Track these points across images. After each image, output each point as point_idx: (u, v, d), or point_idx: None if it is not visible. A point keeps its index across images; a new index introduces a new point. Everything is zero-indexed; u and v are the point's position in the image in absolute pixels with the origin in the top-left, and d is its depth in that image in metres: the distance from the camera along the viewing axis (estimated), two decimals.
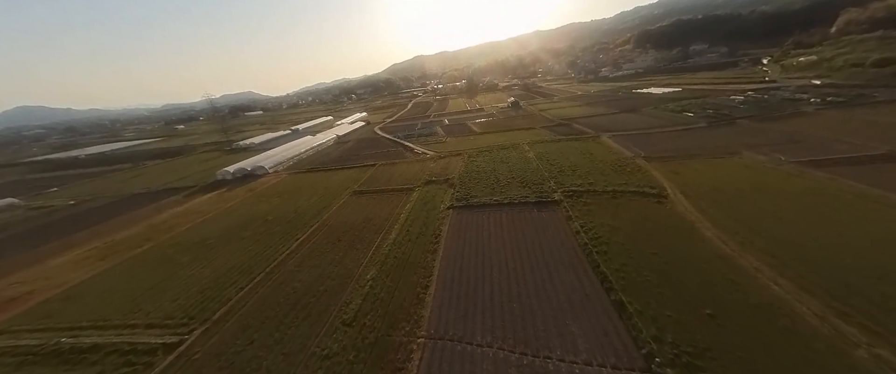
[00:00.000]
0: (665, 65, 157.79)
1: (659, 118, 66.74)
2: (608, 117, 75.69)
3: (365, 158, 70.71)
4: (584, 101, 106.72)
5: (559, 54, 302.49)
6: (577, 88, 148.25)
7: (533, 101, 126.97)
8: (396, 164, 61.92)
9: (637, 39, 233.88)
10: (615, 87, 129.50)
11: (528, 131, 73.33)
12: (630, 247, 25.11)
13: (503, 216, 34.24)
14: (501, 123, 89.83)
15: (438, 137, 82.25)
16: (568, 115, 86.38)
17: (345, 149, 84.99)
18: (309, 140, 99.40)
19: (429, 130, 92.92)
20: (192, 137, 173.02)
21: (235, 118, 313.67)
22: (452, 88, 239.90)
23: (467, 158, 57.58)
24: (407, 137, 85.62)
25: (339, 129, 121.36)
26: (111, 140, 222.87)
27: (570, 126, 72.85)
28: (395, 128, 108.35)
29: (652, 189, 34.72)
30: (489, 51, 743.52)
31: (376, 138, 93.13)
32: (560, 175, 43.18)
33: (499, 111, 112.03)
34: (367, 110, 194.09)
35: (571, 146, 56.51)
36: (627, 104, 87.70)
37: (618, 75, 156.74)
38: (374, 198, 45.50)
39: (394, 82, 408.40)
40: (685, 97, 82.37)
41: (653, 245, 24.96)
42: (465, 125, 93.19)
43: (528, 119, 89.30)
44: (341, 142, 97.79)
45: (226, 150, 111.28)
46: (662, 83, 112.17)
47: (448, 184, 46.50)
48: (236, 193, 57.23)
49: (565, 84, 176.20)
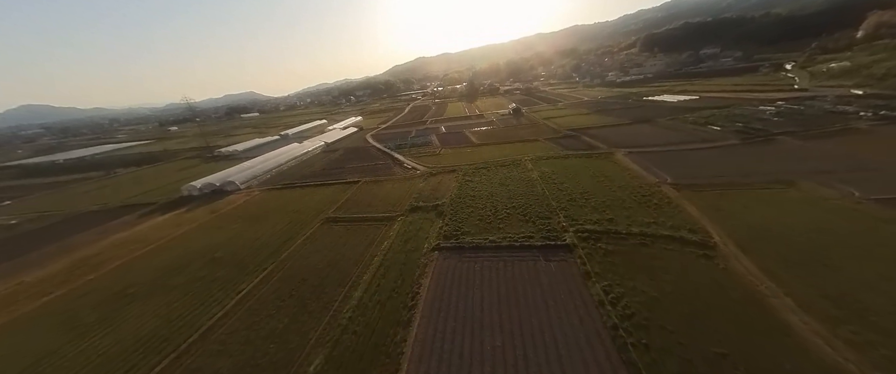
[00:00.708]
0: (676, 70, 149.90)
1: (679, 132, 59.13)
2: (620, 129, 68.10)
3: (349, 172, 63.33)
4: (591, 108, 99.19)
5: (562, 57, 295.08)
6: (583, 94, 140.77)
7: (535, 107, 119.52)
8: (382, 181, 54.50)
9: (643, 43, 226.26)
10: (623, 93, 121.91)
11: (532, 144, 65.85)
12: (682, 337, 17.54)
13: (501, 268, 26.71)
14: (502, 132, 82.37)
15: (433, 147, 74.85)
16: (574, 124, 78.84)
17: (330, 160, 77.64)
18: (294, 148, 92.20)
19: (423, 139, 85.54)
20: (181, 140, 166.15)
21: (231, 120, 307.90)
22: (452, 91, 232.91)
23: (462, 177, 50.12)
24: (398, 148, 78.30)
25: (329, 135, 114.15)
26: (100, 142, 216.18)
27: (577, 139, 65.33)
28: (388, 135, 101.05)
29: (692, 233, 27.15)
30: (491, 53, 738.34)
31: (366, 148, 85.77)
32: (571, 205, 35.65)
33: (499, 118, 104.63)
34: (364, 114, 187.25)
35: (581, 165, 48.94)
36: (640, 114, 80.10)
37: (626, 80, 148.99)
38: (348, 229, 38.04)
39: (393, 84, 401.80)
40: (705, 107, 74.74)
41: (715, 337, 17.38)
42: (462, 134, 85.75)
43: (530, 129, 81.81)
44: (329, 150, 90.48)
45: (207, 157, 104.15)
46: (676, 90, 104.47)
47: (436, 212, 39.04)
48: (196, 214, 49.83)
49: (569, 89, 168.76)
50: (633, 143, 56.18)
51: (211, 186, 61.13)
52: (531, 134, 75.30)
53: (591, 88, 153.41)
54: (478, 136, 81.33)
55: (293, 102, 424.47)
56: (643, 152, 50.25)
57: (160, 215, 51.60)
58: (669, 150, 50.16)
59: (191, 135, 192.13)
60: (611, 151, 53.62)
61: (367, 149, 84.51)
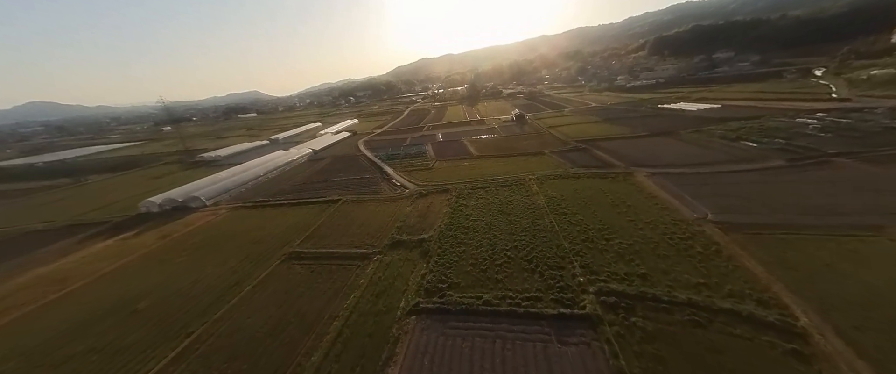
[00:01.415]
0: (689, 74, 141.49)
1: (709, 148, 51.43)
2: (637, 143, 60.48)
3: (331, 187, 56.12)
4: (601, 115, 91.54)
5: (567, 60, 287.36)
6: (590, 98, 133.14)
7: (540, 113, 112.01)
8: (365, 202, 47.23)
9: (653, 46, 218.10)
10: (635, 99, 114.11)
11: (536, 158, 58.40)
12: None
13: (497, 351, 19.40)
14: (503, 142, 74.93)
15: (427, 159, 67.58)
16: (584, 134, 71.33)
17: (315, 170, 70.46)
18: (279, 157, 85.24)
19: (418, 148, 78.27)
20: (170, 142, 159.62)
21: (228, 120, 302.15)
22: (453, 93, 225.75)
23: (455, 200, 42.78)
24: (389, 159, 71.11)
25: (319, 140, 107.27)
26: (91, 142, 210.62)
27: (588, 153, 57.79)
28: (382, 143, 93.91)
29: (764, 308, 19.58)
30: (494, 54, 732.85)
31: (355, 157, 78.58)
32: (588, 248, 28.24)
33: (501, 125, 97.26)
34: (361, 117, 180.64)
35: (596, 188, 41.43)
36: (657, 124, 72.44)
37: (636, 85, 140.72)
38: (311, 271, 30.75)
39: (395, 85, 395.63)
40: (731, 117, 66.97)
41: None
42: (460, 144, 78.37)
43: (535, 139, 74.32)
44: (316, 158, 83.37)
45: (188, 162, 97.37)
46: (693, 97, 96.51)
47: (421, 250, 31.75)
48: (144, 239, 42.68)
49: (575, 93, 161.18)
50: (656, 160, 48.58)
51: (172, 201, 54.03)
52: (536, 145, 67.86)
53: (598, 93, 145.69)
54: (477, 146, 73.93)
55: (293, 103, 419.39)
56: (670, 174, 42.66)
57: (104, 239, 44.47)
58: (701, 171, 42.50)
59: (182, 137, 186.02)
60: (629, 170, 46.05)
61: (357, 158, 77.33)
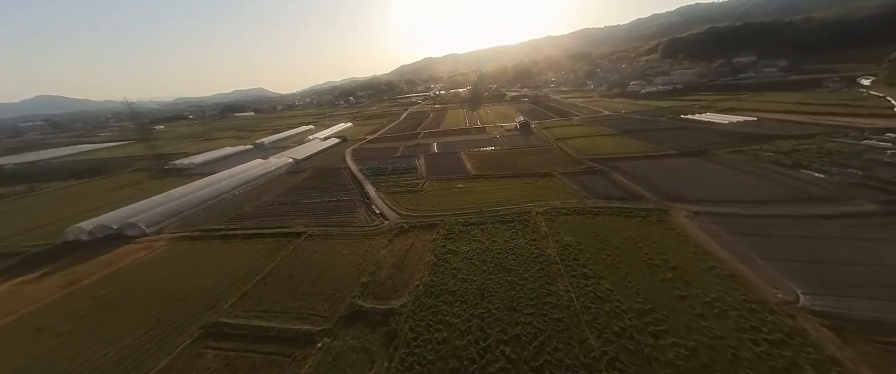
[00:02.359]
0: (710, 80, 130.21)
1: (759, 176, 41.71)
2: (666, 164, 50.81)
3: (300, 212, 47.06)
4: (616, 126, 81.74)
5: (574, 61, 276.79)
6: (601, 105, 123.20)
7: (546, 121, 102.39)
8: (332, 238, 38.09)
9: (665, 48, 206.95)
10: (652, 107, 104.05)
11: (544, 181, 48.94)
12: None
13: None
14: (505, 157, 65.45)
15: (416, 176, 58.37)
16: (598, 150, 61.81)
17: (288, 187, 61.37)
18: (256, 166, 76.44)
19: (408, 162, 68.99)
20: (153, 145, 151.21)
21: (223, 119, 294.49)
22: (454, 95, 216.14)
23: (442, 241, 33.57)
24: (375, 174, 62.00)
25: (305, 147, 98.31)
26: (79, 140, 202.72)
27: (607, 176, 48.25)
28: (371, 153, 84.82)
29: None
30: (498, 55, 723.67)
31: (338, 171, 69.43)
32: (628, 352, 18.84)
33: (503, 135, 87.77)
34: (356, 119, 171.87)
35: (623, 232, 31.94)
36: (684, 139, 62.68)
37: (651, 92, 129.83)
38: (226, 365, 21.61)
39: (396, 85, 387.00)
40: (776, 134, 57.00)
41: None
42: (456, 158, 68.98)
43: (542, 154, 64.78)
44: (295, 170, 74.29)
45: (158, 170, 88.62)
46: (721, 107, 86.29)
47: (386, 332, 22.70)
48: (43, 286, 33.66)
49: (583, 98, 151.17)
50: (695, 192, 38.97)
51: (105, 229, 44.98)
52: (543, 162, 58.41)
53: (609, 99, 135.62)
54: (475, 161, 64.51)
55: (293, 102, 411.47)
56: (719, 215, 33.04)
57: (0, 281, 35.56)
58: (761, 213, 32.84)
59: (168, 138, 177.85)
60: (664, 206, 36.49)
61: (339, 172, 68.18)
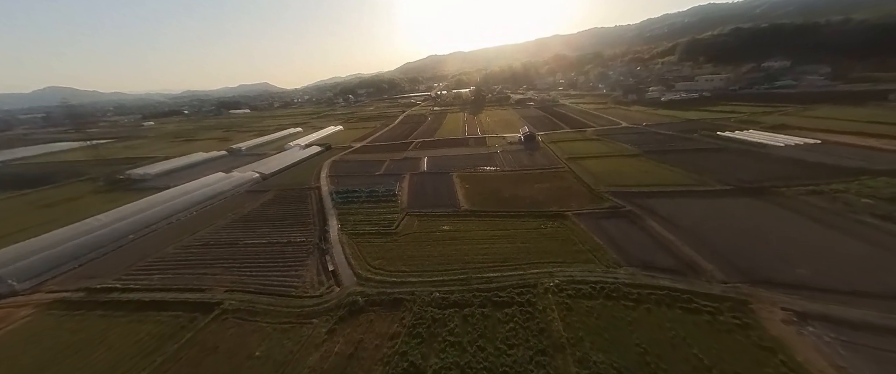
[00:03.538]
0: (741, 88, 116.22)
1: (868, 240, 29.34)
2: (719, 207, 38.47)
3: (233, 261, 35.65)
4: (639, 144, 69.21)
5: (584, 62, 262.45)
6: (616, 113, 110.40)
7: (555, 132, 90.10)
8: (254, 319, 26.67)
9: (685, 50, 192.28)
10: (676, 118, 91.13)
11: (556, 225, 36.90)
12: None
13: None
14: (505, 184, 53.37)
15: (395, 208, 46.71)
16: (621, 177, 49.63)
17: (237, 215, 49.91)
18: (215, 182, 65.53)
19: (390, 183, 57.29)
20: (131, 145, 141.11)
21: (217, 116, 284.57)
22: (456, 97, 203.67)
23: (406, 338, 22.04)
24: (347, 200, 50.69)
25: (282, 157, 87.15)
26: (60, 137, 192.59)
27: (639, 223, 36.11)
28: (352, 167, 73.29)
29: None
30: (505, 53, 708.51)
31: (304, 194, 57.93)
32: None
33: (505, 150, 75.66)
34: (349, 121, 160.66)
35: (687, 349, 19.96)
36: (733, 168, 50.13)
37: (674, 100, 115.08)
38: None
39: (398, 84, 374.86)
40: (854, 166, 44.27)
41: None
42: (447, 181, 57.05)
43: (551, 181, 52.60)
44: (258, 190, 62.90)
45: (110, 181, 77.59)
46: (767, 123, 72.69)
47: None
48: None
49: (596, 104, 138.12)
50: (784, 267, 26.74)
51: None
52: (552, 193, 46.36)
53: (625, 106, 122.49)
54: (469, 187, 52.55)
55: (292, 99, 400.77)
56: (845, 325, 20.89)
57: None
58: None
59: (153, 136, 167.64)
60: (742, 294, 24.36)
61: (306, 195, 56.69)
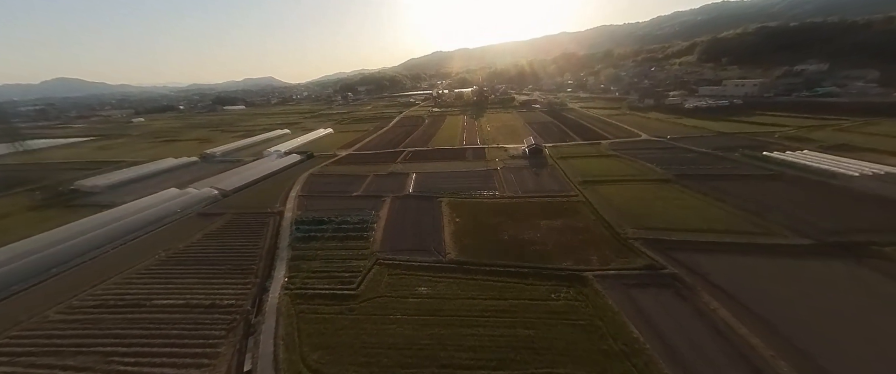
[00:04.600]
0: (777, 95, 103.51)
1: None
2: (802, 274, 27.61)
3: (117, 347, 25.50)
4: (666, 162, 58.22)
5: (594, 61, 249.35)
6: (633, 121, 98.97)
7: (565, 144, 79.20)
8: None
9: (705, 50, 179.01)
10: (706, 131, 79.42)
11: (571, 295, 26.22)
12: None
13: None
14: (505, 219, 42.63)
15: (362, 251, 36.38)
16: (652, 213, 38.82)
17: (163, 258, 39.79)
18: (162, 202, 55.91)
19: (365, 212, 46.92)
20: (106, 146, 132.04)
21: (210, 113, 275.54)
22: (457, 97, 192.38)
23: None
24: (308, 235, 40.60)
25: (255, 166, 77.28)
26: (38, 135, 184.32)
27: (693, 301, 25.42)
28: (329, 183, 62.97)
29: None
30: (511, 50, 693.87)
31: (263, 220, 47.75)
32: None
33: (507, 166, 64.87)
34: (342, 123, 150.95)
35: None
36: (801, 207, 39.08)
37: (700, 107, 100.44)
38: None
39: (399, 81, 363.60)
40: None
41: None
42: (434, 210, 46.45)
43: (562, 216, 41.81)
44: (208, 212, 52.65)
45: (55, 193, 67.91)
46: (824, 142, 60.45)
47: None
48: None
49: (610, 109, 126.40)
50: None
51: None
52: (565, 236, 35.69)
53: (642, 114, 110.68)
54: (459, 221, 41.93)
55: (291, 95, 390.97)
56: None
57: None
58: None
59: (134, 136, 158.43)
60: None
61: (263, 224, 46.48)
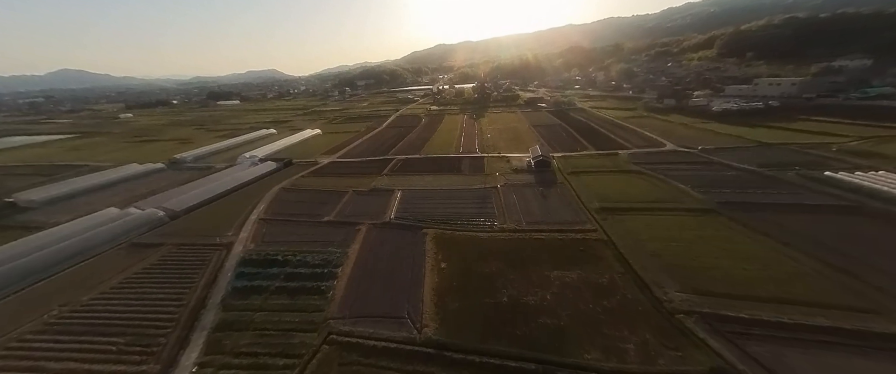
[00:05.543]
0: (821, 96, 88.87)
1: None
2: None
3: None
4: (706, 186, 47.76)
5: (604, 55, 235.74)
6: (653, 126, 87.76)
7: (577, 155, 68.73)
8: None
9: (726, 44, 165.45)
10: (745, 140, 68.22)
11: None
12: None
13: None
14: (506, 262, 32.56)
15: (316, 312, 26.80)
16: (706, 266, 28.76)
17: (46, 322, 30.50)
18: (101, 224, 47.23)
19: (330, 249, 37.29)
20: (79, 145, 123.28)
21: (203, 108, 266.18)
22: (458, 93, 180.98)
23: None
24: (253, 283, 31.17)
25: (218, 180, 67.52)
26: (13, 131, 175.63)
27: None
28: (300, 200, 53.11)
29: None
30: (516, 43, 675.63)
31: (206, 254, 38.25)
32: None
33: (509, 182, 54.56)
34: (334, 122, 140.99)
35: None
36: (888, 258, 28.76)
37: (730, 110, 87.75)
38: None
39: (400, 75, 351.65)
40: None
41: None
42: (416, 246, 36.54)
43: (580, 262, 31.70)
44: (142, 245, 43.10)
45: None
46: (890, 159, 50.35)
47: None
48: None
49: (624, 110, 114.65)
50: None
51: None
52: (584, 303, 25.70)
53: (662, 115, 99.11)
54: (444, 270, 32.00)
55: (288, 89, 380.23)
56: None
57: None
58: None
59: (117, 133, 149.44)
60: None
61: (201, 263, 36.98)
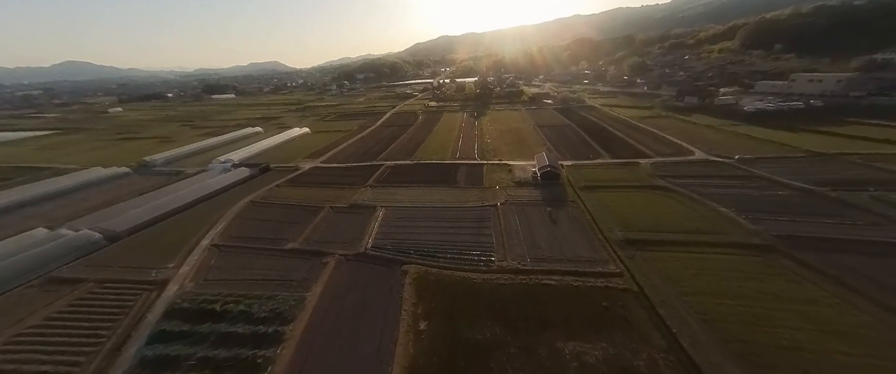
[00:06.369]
0: (871, 94, 78.12)
1: None
2: None
3: None
4: (752, 211, 39.12)
5: (615, 47, 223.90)
6: (674, 128, 78.39)
7: (590, 164, 59.92)
8: None
9: (749, 35, 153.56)
10: (791, 148, 58.92)
11: None
12: None
13: None
14: (504, 318, 23.99)
15: None
16: (786, 352, 20.33)
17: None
18: (23, 249, 39.11)
19: (282, 301, 29.22)
20: (54, 143, 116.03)
21: (198, 101, 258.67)
22: (458, 89, 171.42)
23: None
24: (172, 348, 23.14)
25: (180, 190, 59.55)
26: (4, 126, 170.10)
27: None
28: (267, 219, 44.93)
29: None
30: (521, 35, 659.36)
31: (125, 302, 30.23)
32: None
33: (510, 199, 45.86)
34: (325, 119, 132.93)
35: None
36: None
37: (766, 111, 77.48)
38: None
39: (400, 68, 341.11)
40: None
41: None
42: (391, 290, 28.22)
43: (606, 326, 23.18)
44: (60, 280, 35.19)
45: None
46: None
47: None
48: None
49: (640, 109, 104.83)
50: None
51: None
52: None
53: (684, 115, 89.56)
54: (424, 335, 23.58)
55: (285, 82, 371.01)
56: None
57: None
58: None
59: (98, 129, 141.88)
60: None
61: (120, 311, 29.17)
